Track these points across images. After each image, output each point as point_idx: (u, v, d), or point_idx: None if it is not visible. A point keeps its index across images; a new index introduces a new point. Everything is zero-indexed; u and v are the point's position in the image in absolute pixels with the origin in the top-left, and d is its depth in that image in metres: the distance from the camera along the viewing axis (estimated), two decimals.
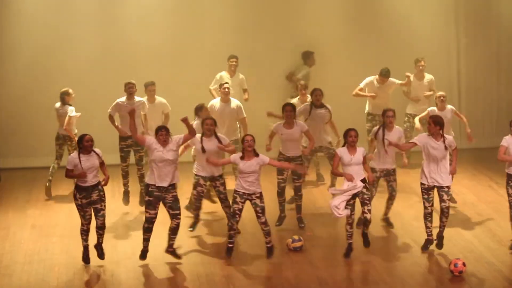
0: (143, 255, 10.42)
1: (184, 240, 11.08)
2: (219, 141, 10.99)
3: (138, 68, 14.85)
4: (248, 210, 12.20)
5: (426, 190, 10.58)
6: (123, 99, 12.39)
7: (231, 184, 12.17)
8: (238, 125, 13.17)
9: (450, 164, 10.66)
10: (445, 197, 10.51)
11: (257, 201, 10.38)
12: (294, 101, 13.08)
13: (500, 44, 16.35)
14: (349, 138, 10.44)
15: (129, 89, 12.36)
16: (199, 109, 11.99)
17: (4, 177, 14.34)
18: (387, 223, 11.67)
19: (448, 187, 10.54)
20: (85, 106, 13.87)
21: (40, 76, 14.91)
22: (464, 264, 9.84)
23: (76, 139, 11.44)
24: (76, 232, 10.71)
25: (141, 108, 12.46)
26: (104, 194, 10.26)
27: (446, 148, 10.47)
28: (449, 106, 12.42)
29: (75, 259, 10.42)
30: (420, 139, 10.60)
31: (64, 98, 13.03)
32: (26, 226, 11.92)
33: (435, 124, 10.46)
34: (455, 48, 16.22)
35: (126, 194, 12.66)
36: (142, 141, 10.41)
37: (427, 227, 10.68)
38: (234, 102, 12.96)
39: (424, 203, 10.61)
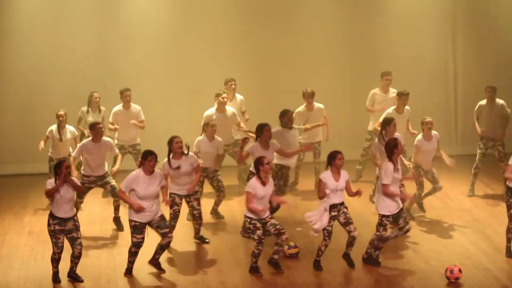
0: (128, 272, 10.22)
1: (181, 246, 11.08)
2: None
3: (137, 77, 14.91)
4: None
5: (389, 221, 10.22)
6: (88, 140, 11.77)
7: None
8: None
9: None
10: (407, 218, 10.51)
11: (273, 221, 10.13)
12: (300, 109, 13.13)
13: (498, 51, 16.31)
14: (338, 161, 10.03)
15: (99, 129, 11.66)
16: (206, 125, 11.99)
17: (1, 184, 14.35)
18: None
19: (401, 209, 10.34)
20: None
21: (38, 84, 14.93)
22: (460, 271, 9.82)
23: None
24: None
25: (109, 149, 11.86)
26: (79, 224, 9.93)
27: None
28: (433, 132, 12.04)
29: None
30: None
31: None
32: (22, 233, 11.93)
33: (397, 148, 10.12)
34: (452, 54, 16.21)
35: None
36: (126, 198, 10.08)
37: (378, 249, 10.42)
38: (230, 110, 13.03)
39: (381, 230, 10.23)
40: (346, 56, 15.72)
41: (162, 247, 10.23)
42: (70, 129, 12.87)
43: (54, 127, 12.80)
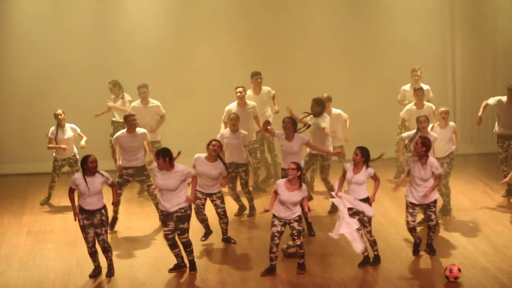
0: (175, 267, 10.32)
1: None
2: (224, 165, 11.02)
3: (137, 76, 14.88)
4: (243, 216, 12.20)
5: (412, 205, 10.50)
6: (123, 131, 11.90)
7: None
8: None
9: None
10: (433, 216, 10.50)
11: (295, 224, 10.08)
12: None
13: (495, 49, 16.24)
14: (353, 156, 10.28)
15: (132, 121, 11.81)
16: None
17: (0, 183, 14.33)
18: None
19: (433, 204, 10.48)
20: (81, 116, 13.99)
21: (38, 84, 14.93)
22: (459, 270, 9.83)
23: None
24: (71, 238, 10.75)
25: (144, 138, 11.94)
26: (106, 218, 10.07)
27: (431, 172, 10.40)
28: (451, 123, 12.23)
29: (70, 265, 10.40)
30: (409, 161, 10.53)
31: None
32: (21, 232, 11.92)
33: (422, 145, 10.35)
34: (450, 52, 16.13)
35: (114, 220, 11.98)
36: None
37: (413, 235, 10.63)
38: (251, 104, 13.17)
39: (407, 217, 10.52)
40: (343, 53, 15.63)
41: (183, 248, 10.26)
42: (71, 126, 12.94)
43: (53, 128, 12.84)
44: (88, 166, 9.92)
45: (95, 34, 15.02)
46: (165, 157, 9.99)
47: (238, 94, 13.08)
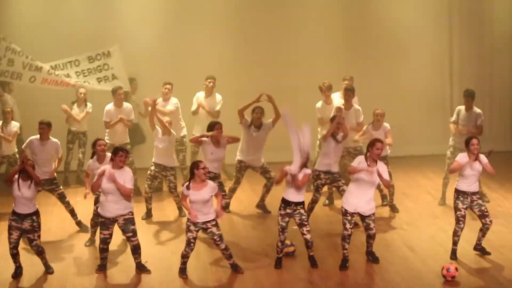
0: (100, 268, 10.22)
1: (177, 245, 11.07)
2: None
3: (134, 75, 14.91)
4: (241, 216, 12.21)
5: (350, 214, 10.15)
6: (37, 136, 11.69)
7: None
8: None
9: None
10: (372, 225, 10.18)
11: (213, 229, 9.95)
12: (318, 105, 12.99)
13: (493, 48, 16.32)
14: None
15: (40, 130, 11.58)
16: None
17: None
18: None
19: (373, 214, 10.17)
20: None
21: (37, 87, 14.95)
22: (456, 269, 9.84)
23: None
24: (69, 237, 10.72)
25: (55, 149, 11.61)
26: (37, 224, 9.96)
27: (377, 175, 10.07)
28: (385, 124, 12.21)
29: (67, 264, 10.40)
30: (359, 163, 10.15)
31: None
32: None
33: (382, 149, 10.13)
34: (448, 49, 16.18)
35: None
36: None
37: (344, 248, 10.25)
38: (173, 100, 13.38)
39: (344, 225, 10.19)
40: (340, 53, 15.69)
41: (132, 252, 10.21)
42: (16, 124, 13.04)
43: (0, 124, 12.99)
44: (23, 161, 9.85)
45: (93, 38, 15.01)
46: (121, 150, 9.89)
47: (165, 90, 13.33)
